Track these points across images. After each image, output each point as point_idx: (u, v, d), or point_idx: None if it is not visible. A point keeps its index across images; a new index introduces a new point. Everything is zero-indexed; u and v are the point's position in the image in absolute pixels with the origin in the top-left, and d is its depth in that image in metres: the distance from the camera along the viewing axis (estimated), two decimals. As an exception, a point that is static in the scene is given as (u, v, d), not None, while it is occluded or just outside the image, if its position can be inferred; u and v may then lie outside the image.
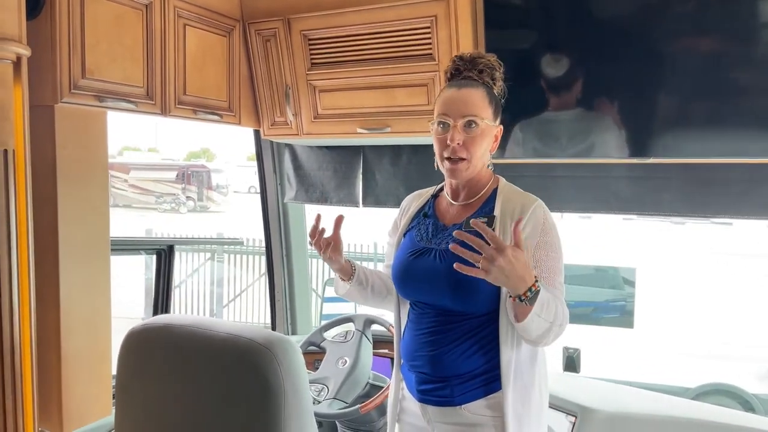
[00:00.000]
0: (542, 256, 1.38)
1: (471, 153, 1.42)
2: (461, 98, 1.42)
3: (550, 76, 1.91)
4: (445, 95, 1.45)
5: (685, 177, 2.03)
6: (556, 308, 1.32)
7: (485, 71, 1.46)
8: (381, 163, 2.54)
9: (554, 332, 1.34)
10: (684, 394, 4.34)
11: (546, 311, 1.29)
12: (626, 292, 5.71)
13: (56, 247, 1.71)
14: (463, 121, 1.41)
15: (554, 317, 1.32)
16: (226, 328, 1.27)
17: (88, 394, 1.80)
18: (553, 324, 1.32)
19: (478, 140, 1.42)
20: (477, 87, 1.44)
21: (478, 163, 1.44)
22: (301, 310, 2.92)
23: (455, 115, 1.41)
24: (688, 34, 1.75)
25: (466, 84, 1.44)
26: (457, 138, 1.40)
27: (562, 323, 1.35)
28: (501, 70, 1.49)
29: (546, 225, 1.41)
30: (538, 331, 1.32)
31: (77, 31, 1.69)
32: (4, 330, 1.46)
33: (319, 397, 2.11)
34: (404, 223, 1.59)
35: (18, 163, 1.48)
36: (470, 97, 1.42)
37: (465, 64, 1.47)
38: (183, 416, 1.27)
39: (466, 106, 1.41)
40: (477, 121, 1.41)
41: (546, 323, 1.31)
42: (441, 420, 1.45)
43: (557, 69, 1.90)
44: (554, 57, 1.90)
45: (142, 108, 1.91)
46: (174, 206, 17.39)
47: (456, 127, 1.41)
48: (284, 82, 2.32)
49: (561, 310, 1.35)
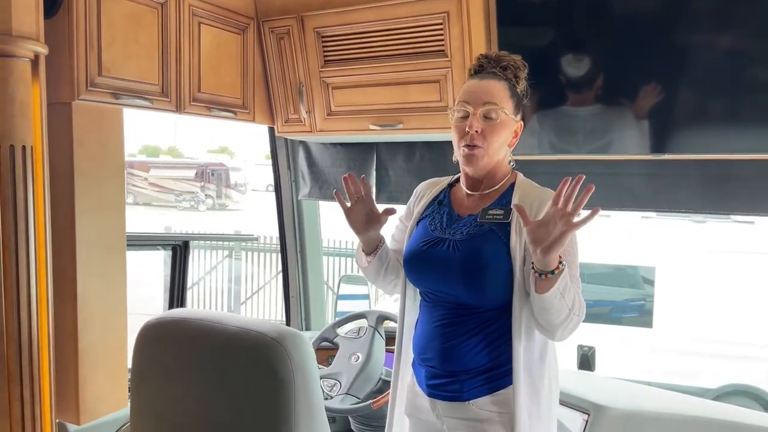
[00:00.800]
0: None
1: (488, 142, 1.42)
2: (482, 88, 1.43)
3: (563, 72, 1.89)
4: (467, 85, 1.47)
5: (702, 173, 2.00)
6: (574, 296, 1.33)
7: (509, 69, 1.47)
8: (394, 159, 2.54)
9: (572, 322, 1.34)
10: (704, 395, 4.28)
11: (567, 295, 1.30)
12: (645, 291, 5.65)
13: (73, 243, 1.73)
14: (483, 109, 1.41)
15: (572, 304, 1.32)
16: (238, 322, 1.28)
17: (104, 387, 1.83)
18: (571, 311, 1.32)
19: (497, 130, 1.42)
20: (499, 80, 1.45)
21: (494, 155, 1.45)
22: (315, 306, 2.93)
23: (475, 103, 1.42)
24: (706, 30, 1.72)
25: (488, 76, 1.46)
26: (476, 125, 1.41)
27: (580, 314, 1.35)
28: (525, 70, 1.50)
29: None
30: (559, 316, 1.31)
31: (94, 29, 1.72)
32: (23, 323, 1.49)
33: (332, 392, 2.12)
34: (418, 210, 1.58)
35: (36, 159, 1.51)
36: (492, 87, 1.43)
37: (489, 62, 1.48)
38: (196, 408, 1.28)
39: (487, 94, 1.42)
40: (497, 111, 1.41)
41: (566, 308, 1.31)
42: (450, 415, 1.45)
43: (571, 66, 1.88)
44: (568, 54, 1.88)
45: (158, 105, 1.93)
46: (193, 204, 17.56)
47: (475, 115, 1.41)
48: (298, 80, 2.33)
49: (578, 300, 1.35)
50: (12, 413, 1.49)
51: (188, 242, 2.44)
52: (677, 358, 5.21)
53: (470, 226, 1.45)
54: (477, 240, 1.41)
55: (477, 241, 1.41)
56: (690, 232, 5.87)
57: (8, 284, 1.47)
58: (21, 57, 1.47)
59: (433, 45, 2.03)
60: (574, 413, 1.83)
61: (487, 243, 1.41)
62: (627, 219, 6.11)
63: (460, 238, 1.43)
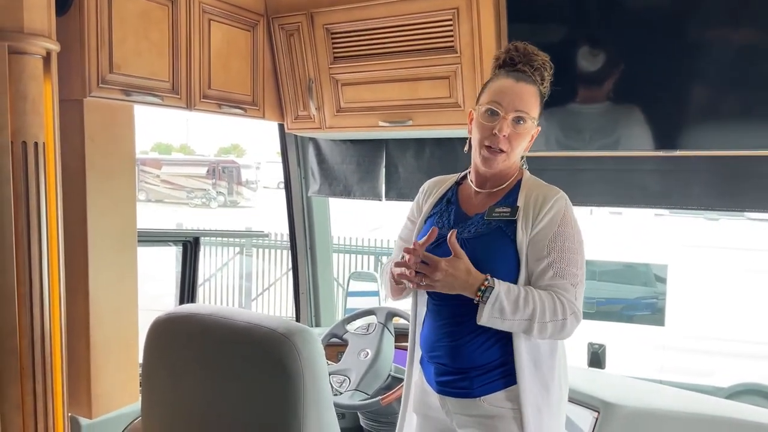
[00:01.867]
0: (557, 246, 1.38)
1: (512, 147, 1.42)
2: (518, 92, 1.41)
3: (573, 69, 1.88)
4: (501, 84, 1.43)
5: (714, 170, 1.98)
6: (534, 306, 1.32)
7: (539, 69, 1.45)
8: (404, 156, 2.54)
9: (548, 329, 1.34)
10: (716, 393, 4.24)
11: (514, 313, 1.32)
12: (657, 289, 5.60)
13: (85, 238, 1.75)
14: (515, 115, 1.40)
15: (531, 315, 1.32)
16: (248, 317, 1.29)
17: (116, 381, 1.84)
18: (532, 321, 1.33)
19: (523, 137, 1.43)
20: (532, 84, 1.43)
21: (514, 159, 1.45)
22: (325, 302, 2.94)
23: (508, 107, 1.40)
24: (719, 25, 1.70)
25: (523, 78, 1.43)
26: (506, 130, 1.40)
27: (555, 318, 1.34)
28: (551, 71, 1.48)
29: (565, 217, 1.40)
30: (518, 328, 1.35)
31: (105, 26, 1.73)
32: (35, 318, 1.51)
33: (341, 388, 2.12)
34: (426, 208, 1.58)
35: (48, 155, 1.52)
36: (526, 93, 1.42)
37: (520, 57, 1.46)
38: (206, 403, 1.29)
39: (521, 101, 1.40)
40: (527, 119, 1.41)
41: (520, 322, 1.33)
42: (460, 412, 1.45)
43: (581, 63, 1.87)
44: (578, 50, 1.87)
45: (168, 102, 1.94)
46: (205, 201, 17.65)
47: (506, 119, 1.40)
48: (307, 76, 2.33)
49: (549, 306, 1.34)
50: (25, 407, 1.51)
51: (199, 238, 2.45)
52: (689, 356, 5.17)
53: (478, 224, 1.45)
54: (485, 238, 1.41)
55: (485, 239, 1.41)
56: (703, 229, 5.81)
57: (21, 279, 1.49)
58: (33, 54, 1.48)
59: (442, 41, 2.02)
60: (583, 411, 1.83)
61: (496, 241, 1.41)
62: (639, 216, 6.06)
63: (468, 237, 1.43)
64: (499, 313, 1.32)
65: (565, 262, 1.37)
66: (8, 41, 1.44)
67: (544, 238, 1.38)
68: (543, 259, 1.37)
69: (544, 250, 1.37)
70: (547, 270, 1.37)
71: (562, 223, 1.39)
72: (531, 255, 1.38)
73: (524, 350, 1.39)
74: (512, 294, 1.32)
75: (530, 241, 1.39)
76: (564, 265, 1.37)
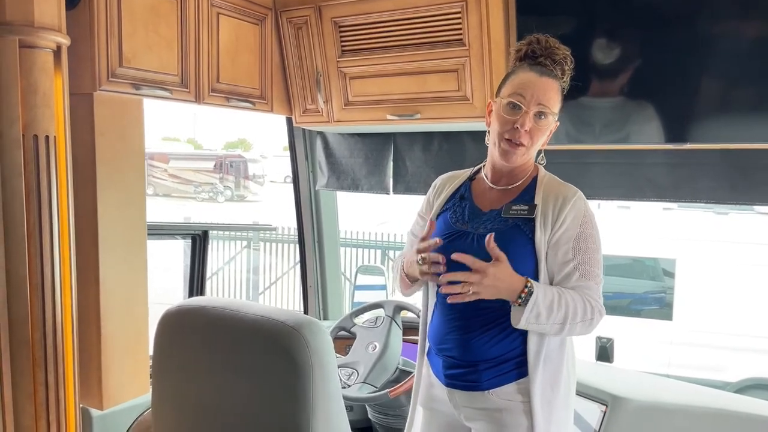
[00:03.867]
0: (581, 248, 1.38)
1: (532, 142, 1.41)
2: (541, 86, 1.40)
3: (583, 63, 1.86)
4: (524, 77, 1.42)
5: (724, 163, 1.96)
6: (566, 309, 1.33)
7: (560, 63, 1.44)
8: (412, 150, 2.53)
9: (577, 328, 1.36)
10: (724, 388, 4.23)
11: (549, 317, 1.32)
12: (666, 283, 5.58)
13: (96, 231, 1.76)
14: (537, 109, 1.39)
15: (564, 319, 1.33)
16: (257, 310, 1.30)
17: (126, 373, 1.86)
18: (564, 324, 1.34)
19: (543, 131, 1.42)
20: (554, 79, 1.43)
21: (533, 153, 1.45)
22: (333, 296, 2.95)
23: (531, 101, 1.39)
24: (730, 17, 1.68)
25: (547, 73, 1.42)
26: (527, 125, 1.39)
27: (585, 318, 1.35)
28: (571, 65, 1.47)
29: (586, 217, 1.41)
30: (550, 331, 1.36)
31: (114, 20, 1.74)
32: (47, 310, 1.52)
33: (349, 381, 2.13)
34: (438, 204, 1.57)
35: (59, 149, 1.53)
36: (549, 88, 1.41)
37: (542, 50, 1.45)
38: (215, 394, 1.30)
39: (545, 96, 1.40)
40: (548, 114, 1.40)
41: (554, 326, 1.34)
42: (468, 405, 1.46)
43: (591, 56, 1.85)
44: (588, 43, 1.85)
45: (177, 96, 1.95)
46: (212, 195, 17.69)
47: (528, 113, 1.39)
48: (315, 70, 2.33)
49: (580, 308, 1.35)
50: (37, 398, 1.53)
51: (207, 232, 2.46)
52: (697, 351, 5.16)
53: (494, 221, 1.44)
54: (502, 235, 1.40)
55: (502, 236, 1.40)
56: (712, 223, 5.78)
57: (33, 271, 1.50)
58: (43, 48, 1.49)
59: (451, 34, 2.02)
60: (592, 404, 1.83)
61: (514, 239, 1.40)
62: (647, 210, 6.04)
63: (484, 232, 1.42)
64: (535, 318, 1.32)
65: (589, 264, 1.38)
66: (19, 35, 1.44)
67: (568, 241, 1.38)
68: (568, 262, 1.38)
69: (569, 254, 1.38)
70: (572, 273, 1.37)
71: (584, 223, 1.39)
72: (553, 257, 1.39)
73: (535, 344, 1.39)
74: (548, 298, 1.33)
75: (552, 244, 1.39)
76: (588, 267, 1.38)
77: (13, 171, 1.46)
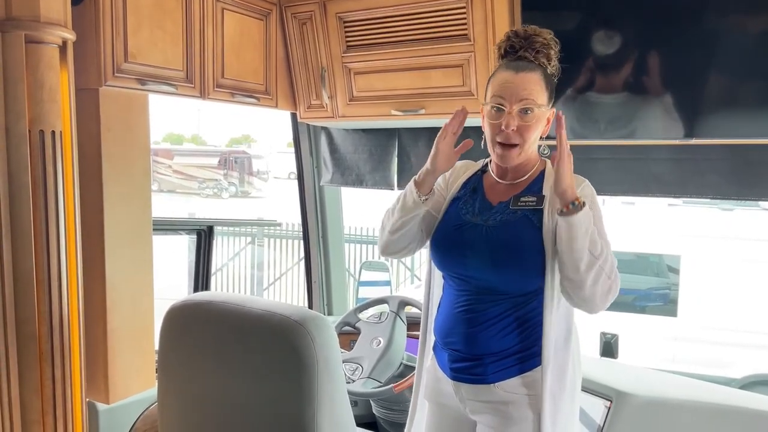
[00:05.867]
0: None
1: (524, 139, 1.41)
2: (519, 83, 1.39)
3: (589, 58, 1.86)
4: (501, 77, 1.41)
5: (732, 159, 1.96)
6: (602, 247, 1.32)
7: (541, 51, 1.43)
8: (416, 145, 2.53)
9: (602, 279, 1.32)
10: (729, 384, 4.21)
11: (592, 241, 1.30)
12: (670, 280, 5.56)
13: (102, 226, 1.77)
14: (519, 106, 1.38)
15: (600, 253, 1.31)
16: (262, 305, 1.30)
17: (132, 367, 1.87)
18: (597, 259, 1.31)
19: (533, 127, 1.41)
20: (534, 70, 1.40)
21: (529, 149, 1.44)
22: (337, 291, 2.96)
23: (511, 99, 1.38)
24: (737, 12, 1.67)
25: (524, 67, 1.40)
26: (512, 125, 1.38)
27: (611, 275, 1.33)
28: (557, 48, 1.45)
29: (594, 202, 1.41)
30: (583, 258, 1.30)
31: (120, 16, 1.74)
32: (54, 304, 1.53)
33: (354, 376, 2.14)
34: (453, 187, 1.56)
35: (65, 144, 1.54)
36: (527, 82, 1.39)
37: (521, 42, 1.43)
38: (221, 388, 1.31)
39: (524, 91, 1.38)
40: (533, 108, 1.39)
41: (591, 256, 1.30)
42: (474, 398, 1.46)
43: (597, 51, 1.85)
44: (594, 39, 1.85)
45: (182, 91, 1.95)
46: (216, 191, 17.73)
47: (511, 113, 1.38)
48: (320, 65, 2.33)
49: (610, 258, 1.33)
50: (44, 392, 1.54)
51: (212, 227, 2.47)
52: (702, 347, 5.14)
53: (503, 212, 1.44)
54: (512, 226, 1.41)
55: (512, 227, 1.41)
56: (718, 220, 5.76)
57: (39, 266, 1.51)
58: (49, 43, 1.49)
59: (455, 29, 2.01)
60: (596, 400, 1.83)
61: (522, 229, 1.41)
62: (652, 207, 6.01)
63: (493, 224, 1.43)
64: (586, 229, 1.30)
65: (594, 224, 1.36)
66: (25, 30, 1.45)
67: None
68: None
69: None
70: None
71: (592, 206, 1.38)
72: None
73: (551, 336, 1.39)
74: (592, 226, 1.33)
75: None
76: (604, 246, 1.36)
77: (19, 166, 1.47)
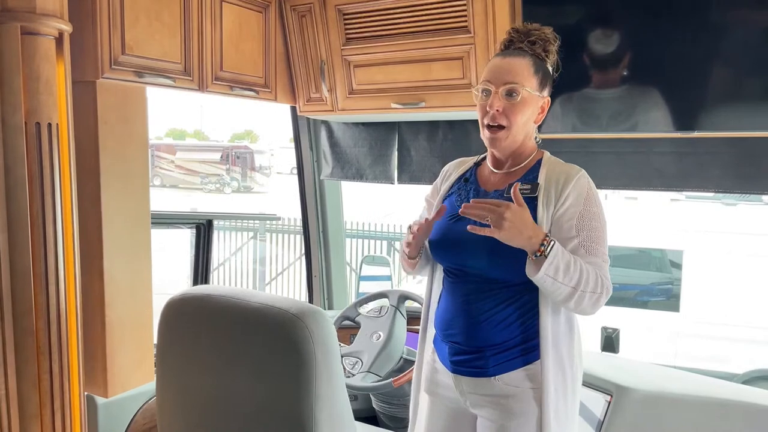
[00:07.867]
0: (584, 225, 1.37)
1: (511, 121, 1.41)
2: (506, 66, 1.43)
3: (589, 52, 1.84)
4: (491, 63, 1.46)
5: (733, 152, 1.94)
6: (580, 273, 1.31)
7: (537, 43, 1.46)
8: (416, 139, 2.52)
9: (586, 299, 1.33)
10: (731, 380, 4.20)
11: (565, 275, 1.29)
12: (673, 275, 5.55)
13: (99, 219, 1.76)
14: (505, 88, 1.41)
15: (577, 282, 1.31)
16: (261, 298, 1.29)
17: (131, 361, 1.87)
18: (576, 289, 1.31)
19: (519, 108, 1.41)
20: (521, 56, 1.44)
21: (518, 133, 1.44)
22: (338, 286, 2.95)
23: (497, 82, 1.42)
24: (742, 5, 1.66)
25: (513, 53, 1.45)
26: (497, 104, 1.41)
27: (595, 290, 1.33)
28: (556, 43, 1.49)
29: (589, 195, 1.40)
30: (559, 295, 1.32)
31: (117, 7, 1.73)
32: (51, 298, 1.52)
33: (353, 370, 2.13)
34: (445, 188, 1.59)
35: (62, 136, 1.53)
36: (514, 65, 1.42)
37: (519, 36, 1.47)
38: (219, 382, 1.30)
39: (510, 73, 1.41)
40: (518, 89, 1.40)
41: (566, 287, 1.31)
42: (474, 391, 1.45)
43: (597, 45, 1.83)
44: (594, 32, 1.83)
45: (180, 84, 1.94)
46: (218, 186, 17.74)
47: (497, 93, 1.41)
48: (319, 58, 2.31)
49: (592, 277, 1.33)
50: (41, 386, 1.53)
51: (212, 221, 2.46)
52: (704, 342, 5.14)
53: None
54: None
55: None
56: (720, 214, 5.75)
57: (37, 259, 1.50)
58: (45, 35, 1.48)
59: (456, 21, 1.99)
60: (597, 394, 1.82)
61: None
62: (654, 201, 6.00)
63: None
64: (554, 272, 1.29)
65: (594, 242, 1.37)
66: (21, 21, 1.44)
67: (571, 217, 1.37)
68: (573, 238, 1.36)
69: (572, 230, 1.37)
70: (578, 249, 1.36)
71: (587, 202, 1.39)
72: (557, 234, 1.37)
73: (548, 327, 1.38)
74: (566, 256, 1.31)
75: (555, 220, 1.38)
76: (593, 245, 1.37)
77: (15, 159, 1.46)
